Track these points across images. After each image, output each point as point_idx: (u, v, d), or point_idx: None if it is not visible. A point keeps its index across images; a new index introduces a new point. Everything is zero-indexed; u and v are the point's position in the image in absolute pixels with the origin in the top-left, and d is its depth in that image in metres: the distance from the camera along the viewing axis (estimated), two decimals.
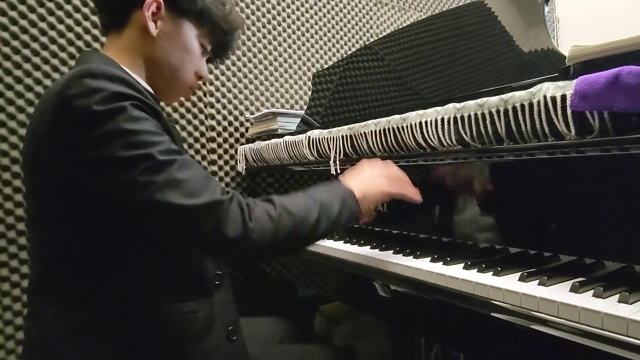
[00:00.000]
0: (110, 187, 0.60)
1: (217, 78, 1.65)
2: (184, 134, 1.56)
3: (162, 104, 0.95)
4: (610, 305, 0.49)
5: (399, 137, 0.85)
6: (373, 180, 0.80)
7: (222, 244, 0.62)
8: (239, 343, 0.79)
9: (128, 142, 0.59)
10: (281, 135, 1.33)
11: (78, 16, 1.34)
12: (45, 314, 0.66)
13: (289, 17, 1.84)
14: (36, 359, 0.67)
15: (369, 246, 0.93)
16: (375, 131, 0.90)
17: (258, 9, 1.75)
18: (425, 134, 0.78)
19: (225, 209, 0.62)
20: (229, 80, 1.68)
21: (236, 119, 1.69)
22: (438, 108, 0.77)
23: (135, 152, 0.59)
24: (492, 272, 0.65)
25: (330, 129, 1.04)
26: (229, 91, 1.68)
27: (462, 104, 0.72)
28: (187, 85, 0.88)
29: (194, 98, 1.58)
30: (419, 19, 1.37)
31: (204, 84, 1.60)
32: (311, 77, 1.75)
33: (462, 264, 0.71)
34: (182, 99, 1.48)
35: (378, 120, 0.89)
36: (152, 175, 0.59)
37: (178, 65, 0.84)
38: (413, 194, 0.83)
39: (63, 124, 0.60)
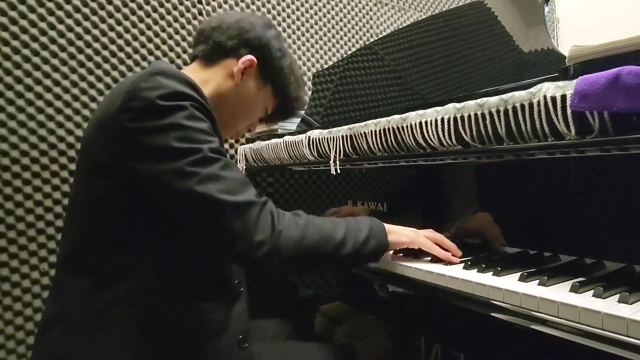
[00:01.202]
0: (158, 172, 0.65)
1: None
2: None
3: None
4: (610, 305, 0.49)
5: (399, 137, 0.85)
6: (401, 227, 0.80)
7: (248, 244, 0.64)
8: (249, 352, 0.79)
9: (183, 136, 0.65)
10: (281, 135, 1.33)
11: (78, 16, 1.35)
12: (71, 289, 0.69)
13: (289, 17, 1.84)
14: (52, 337, 0.68)
15: None
16: (375, 131, 0.90)
17: (258, 9, 1.75)
18: (425, 134, 0.78)
19: (258, 211, 0.66)
20: None
21: None
22: (438, 108, 0.77)
23: (187, 145, 0.65)
24: (492, 272, 0.65)
25: (330, 129, 1.04)
26: None
27: (462, 104, 0.72)
28: (235, 131, 0.97)
29: None
30: (419, 19, 1.37)
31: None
32: (311, 77, 1.75)
33: (462, 264, 0.71)
34: None
35: (378, 120, 0.89)
36: (198, 167, 0.65)
37: (240, 116, 0.93)
38: (444, 255, 0.75)
39: (130, 110, 0.66)
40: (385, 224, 0.78)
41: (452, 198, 0.87)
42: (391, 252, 0.85)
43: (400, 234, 0.78)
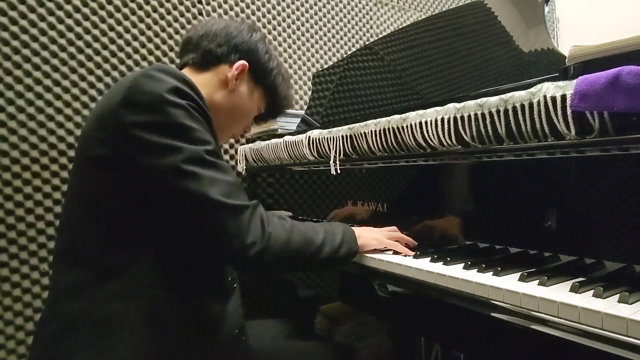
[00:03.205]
0: (156, 168, 0.67)
1: None
2: None
3: None
4: (610, 305, 0.49)
5: (399, 137, 0.85)
6: (368, 230, 0.89)
7: (242, 245, 0.68)
8: (247, 343, 0.83)
9: (182, 135, 0.68)
10: (281, 135, 1.33)
11: (78, 16, 1.35)
12: (68, 283, 0.69)
13: (289, 17, 1.84)
14: (50, 332, 0.68)
15: None
16: (375, 131, 0.90)
17: (258, 9, 1.75)
18: (425, 134, 0.78)
19: (250, 214, 0.70)
20: None
21: None
22: (438, 108, 0.77)
23: (186, 144, 0.67)
24: (492, 272, 0.65)
25: (330, 129, 1.04)
26: None
27: (462, 104, 0.72)
28: (231, 135, 1.00)
29: None
30: (419, 19, 1.37)
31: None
32: (311, 77, 1.75)
33: (462, 264, 0.71)
34: None
35: (378, 120, 0.89)
36: (196, 166, 0.67)
37: (235, 121, 0.96)
38: (404, 250, 0.84)
39: (130, 105, 0.68)
40: (355, 229, 0.85)
41: (451, 198, 0.87)
42: (390, 251, 0.86)
43: (368, 237, 0.85)
